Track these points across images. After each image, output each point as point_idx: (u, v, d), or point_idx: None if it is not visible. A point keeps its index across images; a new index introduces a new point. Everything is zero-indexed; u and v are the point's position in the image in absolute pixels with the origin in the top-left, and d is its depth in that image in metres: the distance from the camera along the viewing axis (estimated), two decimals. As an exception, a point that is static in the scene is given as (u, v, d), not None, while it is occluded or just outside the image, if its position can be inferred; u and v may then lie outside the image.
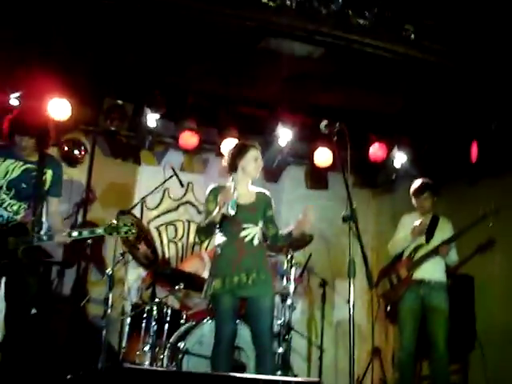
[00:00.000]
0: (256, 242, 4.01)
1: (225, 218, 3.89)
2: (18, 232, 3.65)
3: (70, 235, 3.77)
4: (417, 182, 5.41)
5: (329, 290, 6.33)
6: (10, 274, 3.71)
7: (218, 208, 3.85)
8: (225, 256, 3.99)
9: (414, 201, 5.41)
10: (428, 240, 5.22)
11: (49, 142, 3.93)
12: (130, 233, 3.87)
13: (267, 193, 4.24)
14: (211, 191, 4.13)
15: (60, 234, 3.79)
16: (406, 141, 6.71)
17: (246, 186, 4.11)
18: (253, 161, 4.09)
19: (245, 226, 3.97)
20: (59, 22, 4.99)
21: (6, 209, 3.74)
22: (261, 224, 4.08)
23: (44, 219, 3.94)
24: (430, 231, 5.25)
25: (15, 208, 3.75)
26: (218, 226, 3.99)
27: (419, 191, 5.34)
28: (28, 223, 3.70)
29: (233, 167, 4.11)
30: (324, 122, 3.59)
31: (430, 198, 5.30)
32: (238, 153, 4.12)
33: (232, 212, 3.78)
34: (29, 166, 3.82)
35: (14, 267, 3.66)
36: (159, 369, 4.62)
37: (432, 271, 5.16)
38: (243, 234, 3.97)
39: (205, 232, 4.12)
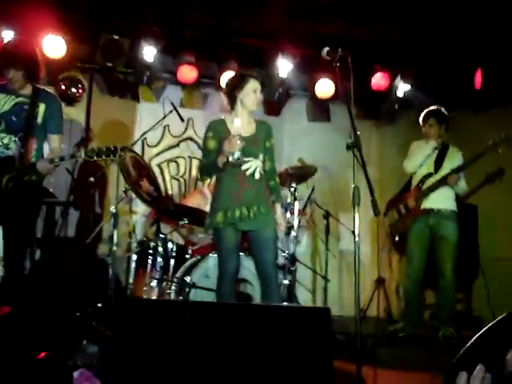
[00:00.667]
0: (257, 175, 3.93)
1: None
2: (6, 165, 3.60)
3: (52, 161, 3.70)
4: (425, 110, 5.32)
5: (332, 222, 6.33)
6: (4, 219, 3.67)
7: (222, 155, 3.76)
8: (226, 190, 3.93)
9: (422, 128, 5.32)
10: (437, 169, 5.17)
11: (38, 74, 3.82)
12: (112, 157, 3.71)
13: (267, 123, 4.16)
14: (209, 127, 4.01)
15: (42, 161, 3.73)
16: (409, 70, 6.59)
17: (245, 118, 3.99)
18: (251, 92, 3.94)
19: (246, 159, 3.87)
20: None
21: None
22: (262, 157, 4.00)
23: (45, 156, 3.88)
24: (438, 160, 5.19)
25: (6, 141, 3.67)
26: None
27: (425, 118, 5.26)
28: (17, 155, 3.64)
29: (231, 98, 3.99)
30: (326, 48, 3.48)
31: (435, 125, 5.21)
32: (236, 84, 3.98)
33: (238, 160, 3.74)
34: (21, 99, 3.74)
35: (7, 211, 3.62)
36: (167, 299, 4.66)
37: (441, 200, 5.12)
38: (244, 167, 3.88)
39: (207, 172, 4.07)
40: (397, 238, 5.43)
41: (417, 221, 5.18)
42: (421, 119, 5.32)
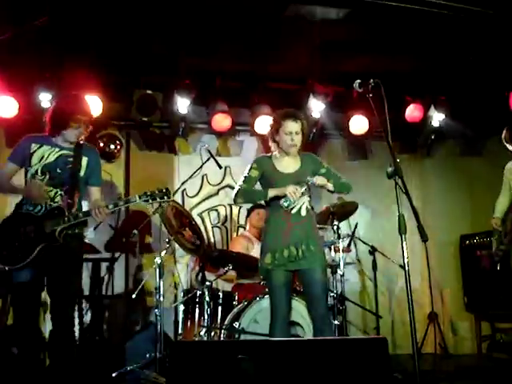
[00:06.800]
0: (304, 212, 3.88)
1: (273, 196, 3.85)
2: (55, 215, 3.62)
3: (107, 207, 3.66)
4: None
5: (379, 258, 6.21)
6: (52, 272, 3.65)
7: (275, 191, 3.81)
8: (273, 230, 3.90)
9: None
10: None
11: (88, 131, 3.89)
12: (166, 198, 3.69)
13: (312, 154, 4.15)
14: (255, 161, 4.05)
15: (96, 208, 3.64)
16: (441, 98, 6.54)
17: (289, 156, 4.00)
18: (285, 134, 3.91)
19: None
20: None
21: None
22: (309, 193, 3.94)
23: (85, 207, 3.91)
24: None
25: (51, 194, 3.70)
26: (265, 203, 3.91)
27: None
28: (65, 206, 3.65)
29: (272, 141, 4.03)
30: (358, 81, 3.48)
31: None
32: (273, 126, 4.01)
33: (286, 208, 3.77)
34: (64, 152, 3.79)
35: (57, 264, 3.62)
36: (219, 340, 4.59)
37: None
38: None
39: (244, 197, 3.96)
40: (498, 266, 5.08)
41: None
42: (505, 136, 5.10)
